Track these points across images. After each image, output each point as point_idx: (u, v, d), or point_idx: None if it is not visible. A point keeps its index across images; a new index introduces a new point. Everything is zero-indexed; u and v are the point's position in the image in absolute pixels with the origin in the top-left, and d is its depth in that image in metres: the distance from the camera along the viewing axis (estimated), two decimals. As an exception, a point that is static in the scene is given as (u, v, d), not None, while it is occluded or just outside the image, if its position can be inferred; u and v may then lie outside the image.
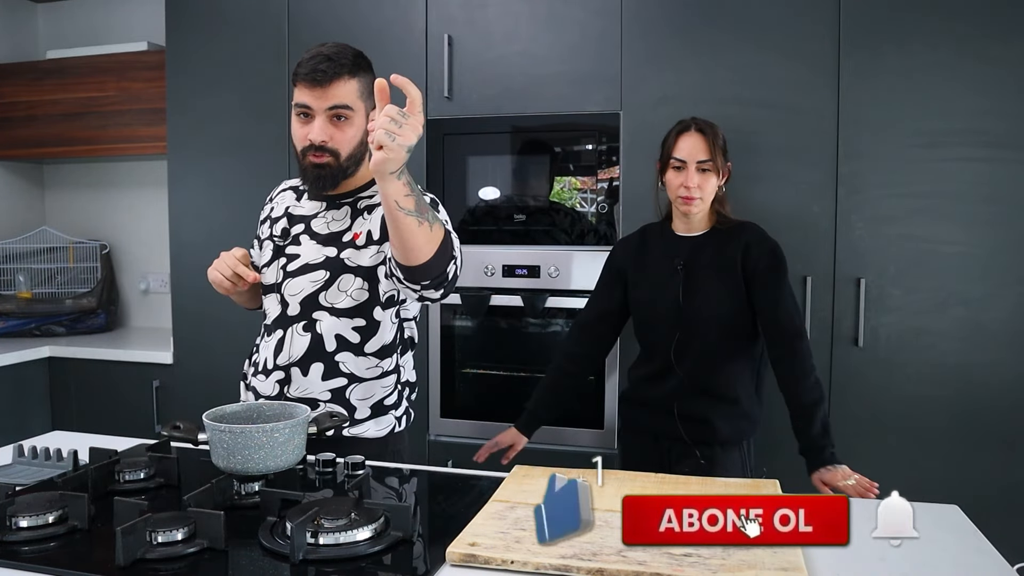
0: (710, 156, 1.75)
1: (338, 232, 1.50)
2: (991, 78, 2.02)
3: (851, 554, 1.02)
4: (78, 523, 1.09)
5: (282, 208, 1.58)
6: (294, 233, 1.53)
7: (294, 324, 1.48)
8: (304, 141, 1.45)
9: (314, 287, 1.48)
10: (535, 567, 0.96)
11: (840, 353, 2.14)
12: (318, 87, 1.41)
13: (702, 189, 1.76)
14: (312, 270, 1.48)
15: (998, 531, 1.17)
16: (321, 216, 1.53)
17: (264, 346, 1.53)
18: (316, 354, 1.47)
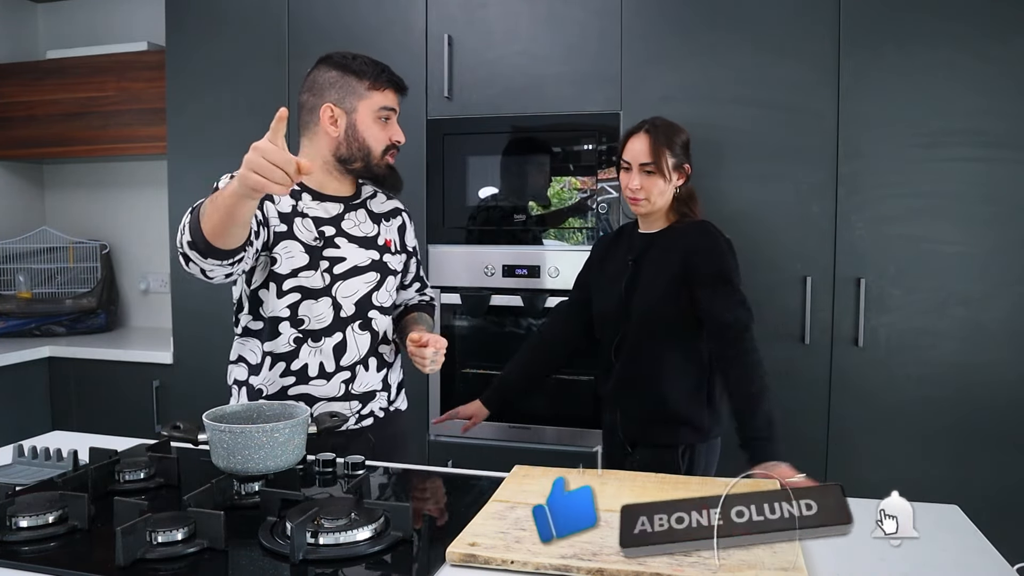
0: (652, 159, 1.73)
1: (371, 236, 1.58)
2: (991, 78, 2.02)
3: (851, 554, 1.02)
4: (78, 523, 1.09)
5: (286, 204, 1.50)
6: (327, 235, 1.52)
7: (351, 324, 1.53)
8: (388, 141, 1.54)
9: (368, 288, 1.55)
10: (535, 567, 0.96)
11: (840, 353, 2.14)
12: (401, 93, 1.55)
13: (646, 190, 1.75)
14: (361, 272, 1.54)
15: (998, 531, 1.17)
16: (347, 218, 1.56)
17: (312, 351, 1.50)
18: (373, 350, 1.57)
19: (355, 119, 1.50)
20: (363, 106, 1.50)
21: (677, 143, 1.77)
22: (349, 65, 1.50)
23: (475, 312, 2.43)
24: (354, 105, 1.50)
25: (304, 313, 1.49)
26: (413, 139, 2.44)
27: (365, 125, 1.50)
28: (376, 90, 1.49)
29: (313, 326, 1.50)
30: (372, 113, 1.50)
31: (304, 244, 1.49)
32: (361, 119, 1.50)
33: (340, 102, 1.50)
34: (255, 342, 1.54)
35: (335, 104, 1.50)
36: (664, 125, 1.78)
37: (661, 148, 1.74)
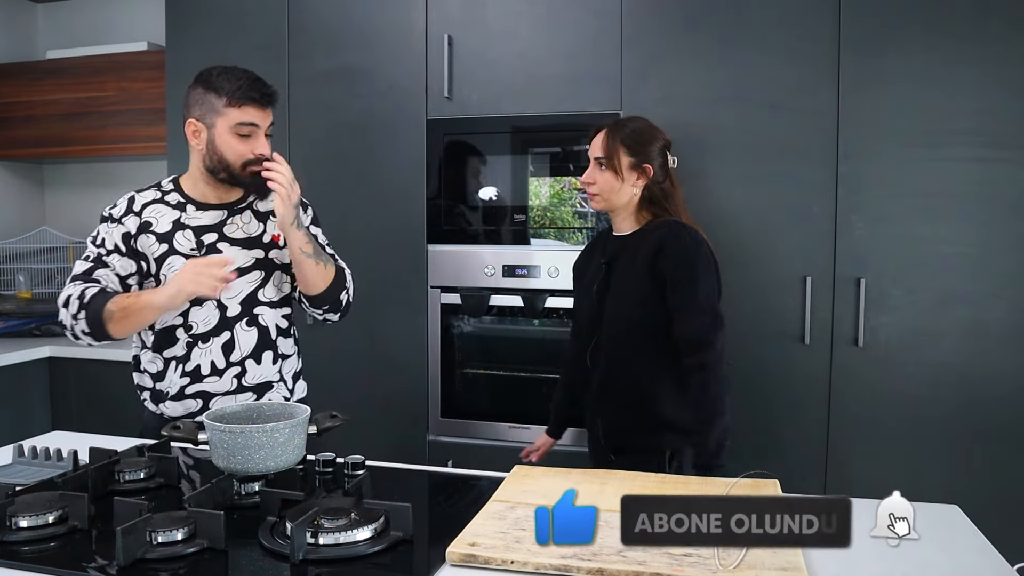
0: (605, 153, 1.74)
1: (255, 235, 1.68)
2: (991, 78, 2.01)
3: (851, 554, 1.02)
4: (78, 523, 1.09)
5: (166, 222, 1.63)
6: (208, 243, 1.64)
7: (238, 322, 1.63)
8: (248, 155, 1.60)
9: (252, 286, 1.65)
10: (535, 567, 0.96)
11: (840, 353, 2.14)
12: (265, 108, 1.62)
13: (598, 185, 1.75)
14: (245, 272, 1.64)
15: (998, 531, 1.17)
16: (230, 223, 1.67)
17: (201, 352, 1.62)
18: (264, 344, 1.66)
19: (214, 134, 1.59)
20: (220, 122, 1.58)
21: (640, 143, 1.75)
22: (212, 82, 1.59)
23: (475, 312, 2.43)
24: (213, 121, 1.59)
25: (192, 319, 1.61)
26: (413, 139, 2.44)
27: (223, 140, 1.59)
28: (233, 106, 1.57)
29: (200, 329, 1.61)
30: (229, 128, 1.58)
31: (184, 255, 1.61)
32: (219, 134, 1.59)
33: (201, 118, 1.60)
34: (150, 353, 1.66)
35: (197, 119, 1.61)
36: (631, 125, 1.78)
37: (616, 145, 1.74)
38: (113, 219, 1.64)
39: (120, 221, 1.64)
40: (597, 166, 1.76)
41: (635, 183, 1.75)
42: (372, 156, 2.49)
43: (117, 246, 1.62)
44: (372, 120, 2.48)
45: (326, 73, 2.52)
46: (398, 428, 2.47)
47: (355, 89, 2.50)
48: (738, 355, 2.19)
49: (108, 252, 1.62)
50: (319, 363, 2.57)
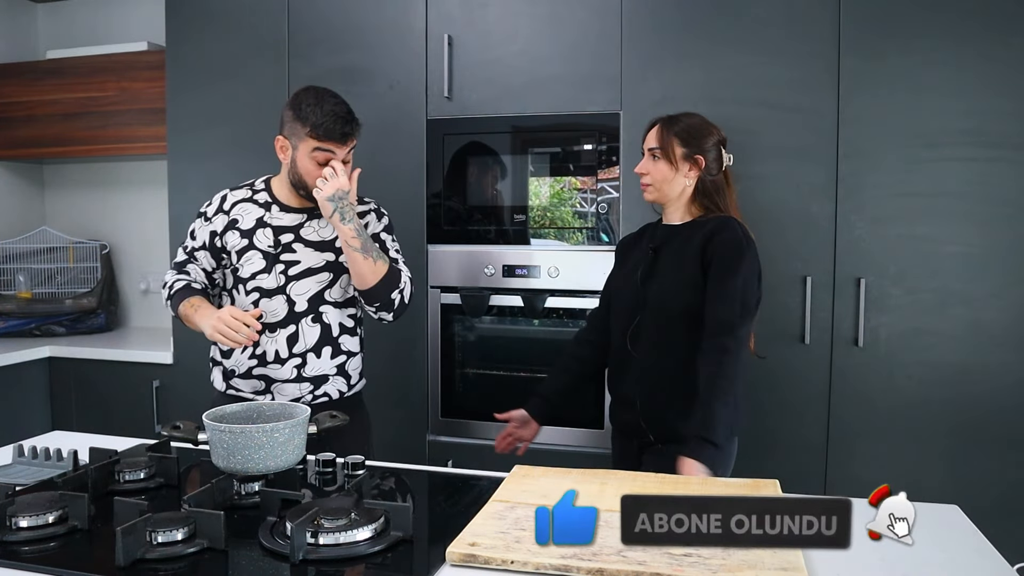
0: (659, 144, 1.76)
1: (329, 240, 1.80)
2: (991, 78, 2.02)
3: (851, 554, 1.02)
4: (78, 523, 1.09)
5: (251, 219, 1.79)
6: (284, 242, 1.78)
7: (304, 318, 1.77)
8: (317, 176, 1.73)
9: (320, 286, 1.78)
10: (535, 567, 0.96)
11: (840, 353, 2.14)
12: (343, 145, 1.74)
13: (652, 175, 1.76)
14: (315, 273, 1.77)
15: (998, 531, 1.17)
16: (308, 226, 1.80)
17: (269, 340, 1.76)
18: (325, 340, 1.78)
19: (296, 155, 1.74)
20: (302, 146, 1.72)
21: (693, 136, 1.76)
22: (300, 109, 1.71)
23: (475, 312, 2.43)
24: (296, 143, 1.73)
25: (263, 308, 1.74)
26: (413, 139, 2.44)
27: (303, 162, 1.73)
28: (312, 137, 1.70)
29: (269, 320, 1.74)
30: (308, 153, 1.71)
31: (262, 251, 1.77)
32: (300, 156, 1.73)
33: (288, 137, 1.75)
34: None
35: (285, 137, 1.76)
36: (685, 119, 1.79)
37: (670, 136, 1.76)
38: (206, 217, 1.83)
39: (210, 219, 1.82)
40: (651, 157, 1.77)
41: (688, 174, 1.76)
42: (372, 156, 2.49)
43: (204, 243, 1.81)
44: (372, 120, 2.47)
45: (326, 73, 2.52)
46: (398, 428, 2.47)
47: (355, 89, 2.49)
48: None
49: (198, 248, 1.82)
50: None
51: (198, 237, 1.83)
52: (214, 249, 1.81)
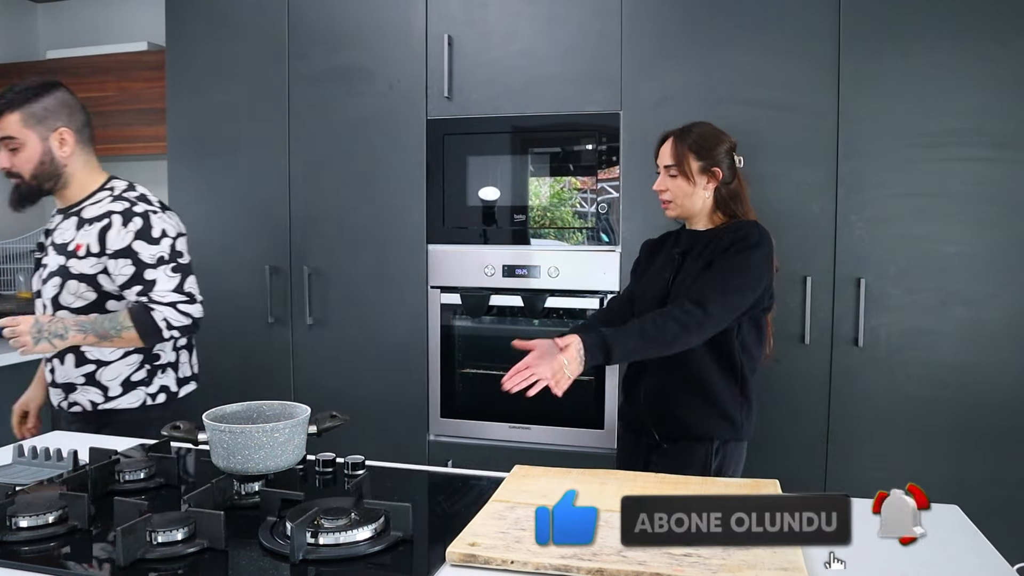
0: (674, 161, 1.75)
1: (66, 242, 1.77)
2: (991, 78, 2.02)
3: (851, 554, 1.02)
4: (78, 523, 1.09)
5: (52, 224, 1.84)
6: (43, 243, 1.86)
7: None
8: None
9: (54, 292, 1.78)
10: (535, 567, 0.96)
11: (840, 353, 2.14)
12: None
13: (671, 192, 1.76)
14: (51, 277, 1.78)
15: (998, 531, 1.17)
16: (58, 228, 1.81)
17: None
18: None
19: None
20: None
21: (707, 147, 1.76)
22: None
23: (475, 312, 2.43)
24: None
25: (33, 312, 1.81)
26: (413, 139, 2.44)
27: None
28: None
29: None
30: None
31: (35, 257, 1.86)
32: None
33: None
34: None
35: None
36: (696, 130, 1.78)
37: (684, 151, 1.75)
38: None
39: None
40: (667, 174, 1.77)
41: (706, 187, 1.76)
42: (372, 156, 2.49)
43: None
44: (372, 120, 2.48)
45: (326, 73, 2.52)
46: (398, 428, 2.47)
47: (355, 89, 2.50)
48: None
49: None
50: (319, 363, 2.58)
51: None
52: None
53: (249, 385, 2.57)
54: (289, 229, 2.59)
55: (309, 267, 2.56)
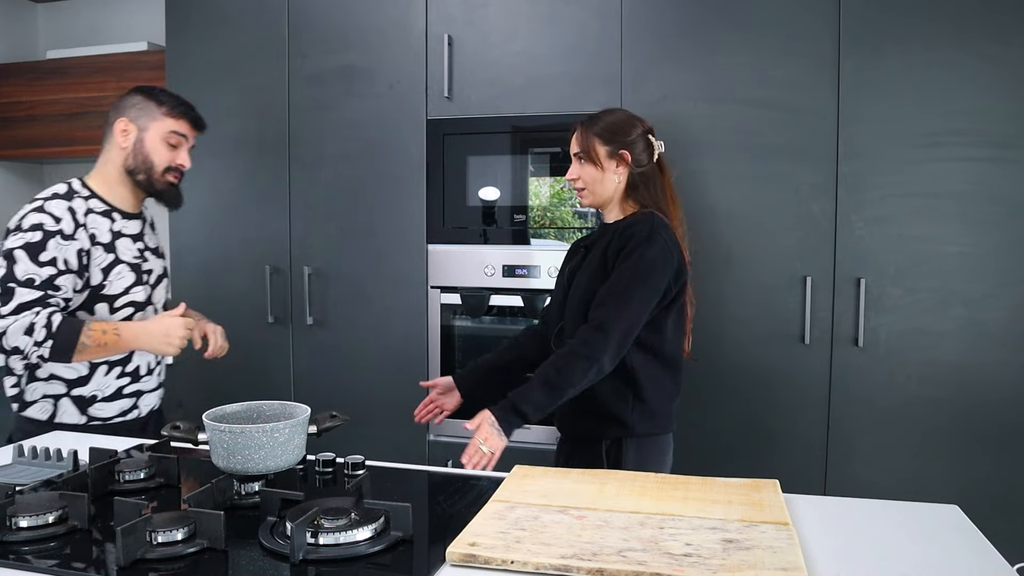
0: (581, 147, 1.72)
1: (158, 246, 1.89)
2: (991, 78, 2.02)
3: (851, 554, 1.02)
4: (78, 523, 1.09)
5: (105, 231, 1.72)
6: (141, 250, 1.80)
7: None
8: (171, 163, 1.76)
9: (166, 293, 1.90)
10: (535, 567, 0.96)
11: (840, 353, 2.14)
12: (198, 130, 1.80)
13: (581, 180, 1.73)
14: (161, 280, 1.87)
15: (998, 531, 1.17)
16: (146, 233, 1.85)
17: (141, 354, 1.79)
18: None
19: (144, 136, 1.73)
20: (155, 127, 1.73)
21: (614, 132, 1.71)
22: (155, 95, 1.75)
23: (475, 312, 2.43)
24: (146, 124, 1.73)
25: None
26: (413, 139, 2.44)
27: (152, 143, 1.73)
28: (171, 117, 1.73)
29: None
30: (161, 134, 1.73)
31: (129, 264, 1.75)
32: (150, 137, 1.73)
33: (135, 119, 1.73)
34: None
35: (130, 120, 1.73)
36: (605, 117, 1.74)
37: (590, 137, 1.72)
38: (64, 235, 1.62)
39: (71, 237, 1.64)
40: (577, 161, 1.74)
41: (616, 171, 1.71)
42: (372, 156, 2.49)
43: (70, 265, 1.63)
44: (372, 120, 2.49)
45: (326, 73, 2.52)
46: (398, 428, 2.47)
47: (355, 89, 2.50)
48: (738, 355, 2.20)
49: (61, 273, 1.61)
50: (319, 363, 2.58)
51: (59, 261, 1.60)
52: (81, 270, 1.65)
53: (249, 385, 2.58)
54: (289, 229, 2.59)
55: (309, 267, 2.56)
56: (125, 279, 1.73)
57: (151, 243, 1.85)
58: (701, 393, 2.22)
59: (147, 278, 1.80)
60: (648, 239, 1.62)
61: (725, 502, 1.15)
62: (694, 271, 2.24)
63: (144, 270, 1.79)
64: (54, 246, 1.60)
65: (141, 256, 1.79)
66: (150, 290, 1.81)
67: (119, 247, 1.74)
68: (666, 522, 1.08)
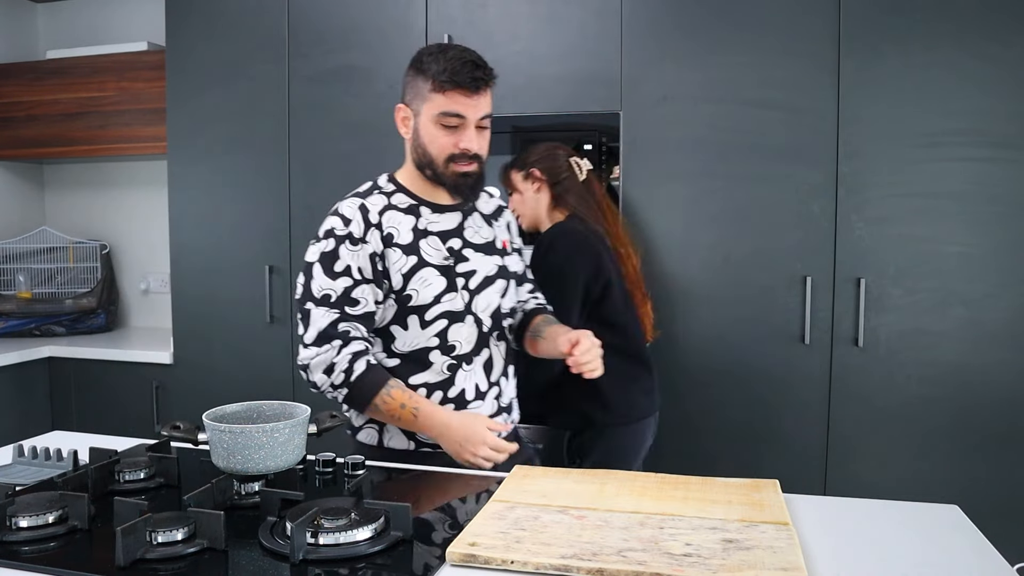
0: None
1: (490, 241, 1.51)
2: (991, 78, 2.02)
3: (851, 554, 1.02)
4: (78, 523, 1.09)
5: (407, 230, 1.43)
6: (456, 249, 1.45)
7: (490, 338, 1.48)
8: (453, 149, 1.40)
9: (499, 298, 1.49)
10: (535, 567, 0.96)
11: (840, 353, 2.14)
12: (474, 95, 1.37)
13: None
14: (492, 282, 1.48)
15: (998, 531, 1.17)
16: (467, 226, 1.49)
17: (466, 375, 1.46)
18: (509, 358, 1.53)
19: (418, 123, 1.42)
20: (425, 109, 1.39)
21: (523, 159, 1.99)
22: (421, 62, 1.39)
23: (475, 312, 2.43)
24: (419, 108, 1.41)
25: (453, 338, 1.44)
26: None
27: (426, 130, 1.40)
28: (438, 92, 1.36)
29: (464, 349, 1.45)
30: (432, 118, 1.39)
31: (438, 267, 1.43)
32: (423, 123, 1.41)
33: (410, 103, 1.43)
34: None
35: (407, 104, 1.44)
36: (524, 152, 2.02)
37: (506, 172, 2.02)
38: (353, 239, 1.40)
39: (362, 240, 1.40)
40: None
41: (534, 190, 1.95)
42: (372, 156, 2.49)
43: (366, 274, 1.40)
44: (372, 120, 2.48)
45: (326, 73, 2.52)
46: (398, 428, 2.47)
47: (355, 89, 2.50)
48: (739, 355, 2.20)
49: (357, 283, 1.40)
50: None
51: (353, 269, 1.39)
52: (378, 278, 1.41)
53: (249, 385, 2.58)
54: (289, 229, 2.59)
55: (309, 267, 2.56)
56: (433, 285, 1.41)
57: (477, 238, 1.48)
58: (701, 393, 2.22)
59: (464, 282, 1.45)
60: (550, 248, 1.82)
61: (725, 502, 1.15)
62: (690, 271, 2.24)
63: (460, 272, 1.44)
64: (345, 252, 1.39)
65: (455, 255, 1.44)
66: (468, 296, 1.45)
67: (423, 248, 1.43)
68: (666, 522, 1.08)
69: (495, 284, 1.48)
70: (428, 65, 1.37)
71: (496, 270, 1.49)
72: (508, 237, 1.58)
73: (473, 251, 1.47)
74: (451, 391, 1.45)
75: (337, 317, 1.37)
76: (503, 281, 1.49)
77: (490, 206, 1.57)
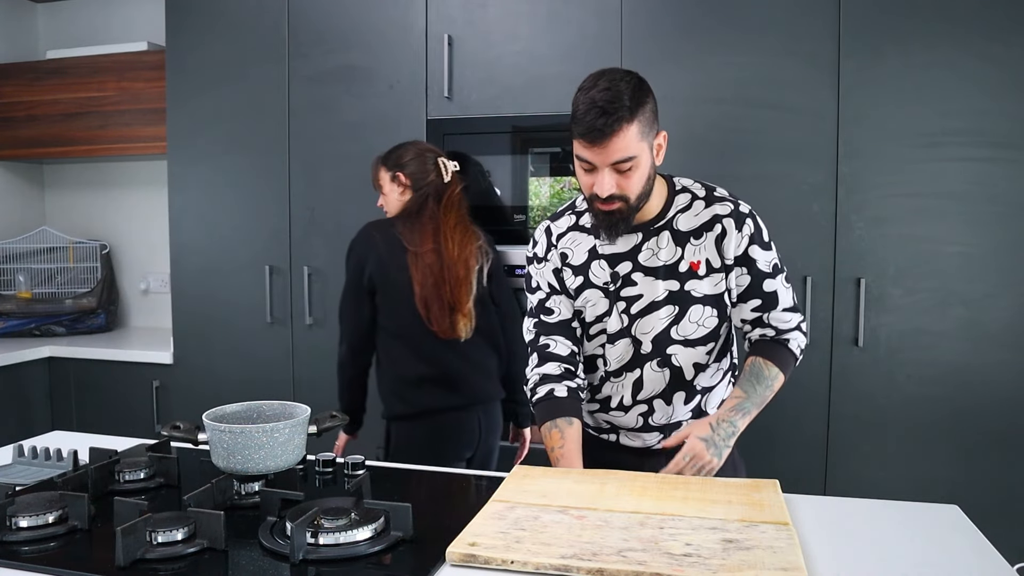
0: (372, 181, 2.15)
1: (670, 264, 1.45)
2: (991, 78, 2.02)
3: (851, 554, 1.02)
4: (78, 523, 1.09)
5: (583, 250, 1.48)
6: (623, 273, 1.46)
7: (649, 361, 1.48)
8: (589, 190, 1.39)
9: (664, 324, 1.46)
10: (535, 567, 0.96)
11: (840, 353, 2.14)
12: (596, 145, 1.33)
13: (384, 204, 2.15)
14: (657, 308, 1.45)
15: (998, 531, 1.17)
16: (644, 248, 1.46)
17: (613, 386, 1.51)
18: (677, 385, 1.49)
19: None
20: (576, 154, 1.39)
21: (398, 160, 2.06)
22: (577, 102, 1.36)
23: (475, 312, 2.42)
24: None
25: (608, 354, 1.49)
26: (413, 139, 2.44)
27: (577, 170, 1.41)
28: (575, 137, 1.36)
29: (613, 366, 1.49)
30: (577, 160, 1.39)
31: (602, 289, 1.47)
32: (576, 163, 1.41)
33: None
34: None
35: None
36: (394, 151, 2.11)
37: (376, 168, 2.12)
38: (538, 258, 1.53)
39: (545, 259, 1.52)
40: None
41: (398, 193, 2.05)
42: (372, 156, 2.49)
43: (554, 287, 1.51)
44: (372, 120, 2.49)
45: (326, 73, 2.52)
46: (398, 428, 2.47)
47: (355, 89, 2.50)
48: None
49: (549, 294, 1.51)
50: (319, 363, 2.58)
51: (544, 284, 1.52)
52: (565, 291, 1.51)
53: (249, 385, 2.58)
54: (289, 229, 2.59)
55: (309, 267, 2.56)
56: (597, 306, 1.47)
57: (653, 261, 1.45)
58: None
59: (625, 305, 1.46)
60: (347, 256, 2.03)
61: (725, 502, 1.15)
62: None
63: (623, 296, 1.46)
64: (535, 271, 1.54)
65: (619, 280, 1.45)
66: (627, 320, 1.46)
67: (592, 269, 1.47)
68: (666, 522, 1.08)
69: (661, 310, 1.45)
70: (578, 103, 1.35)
71: (665, 295, 1.45)
72: (709, 256, 1.45)
73: (643, 275, 1.45)
74: (599, 394, 1.54)
75: (537, 330, 1.53)
76: (672, 307, 1.45)
77: (697, 221, 1.46)
